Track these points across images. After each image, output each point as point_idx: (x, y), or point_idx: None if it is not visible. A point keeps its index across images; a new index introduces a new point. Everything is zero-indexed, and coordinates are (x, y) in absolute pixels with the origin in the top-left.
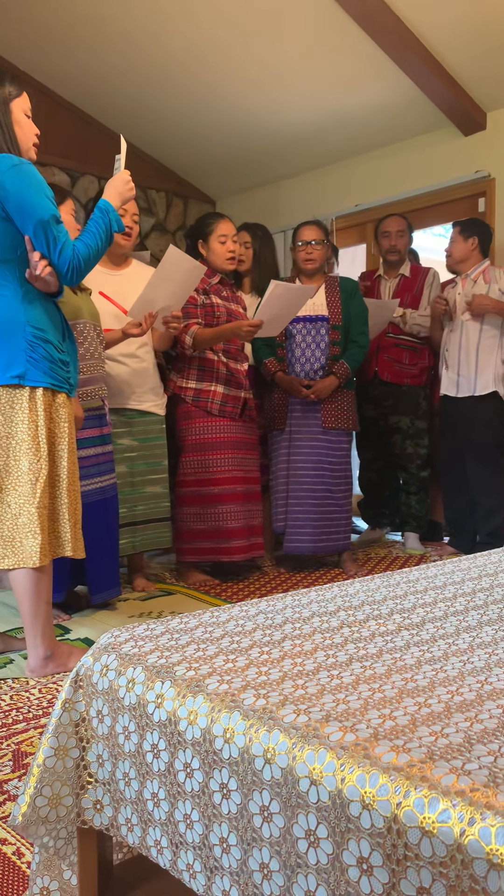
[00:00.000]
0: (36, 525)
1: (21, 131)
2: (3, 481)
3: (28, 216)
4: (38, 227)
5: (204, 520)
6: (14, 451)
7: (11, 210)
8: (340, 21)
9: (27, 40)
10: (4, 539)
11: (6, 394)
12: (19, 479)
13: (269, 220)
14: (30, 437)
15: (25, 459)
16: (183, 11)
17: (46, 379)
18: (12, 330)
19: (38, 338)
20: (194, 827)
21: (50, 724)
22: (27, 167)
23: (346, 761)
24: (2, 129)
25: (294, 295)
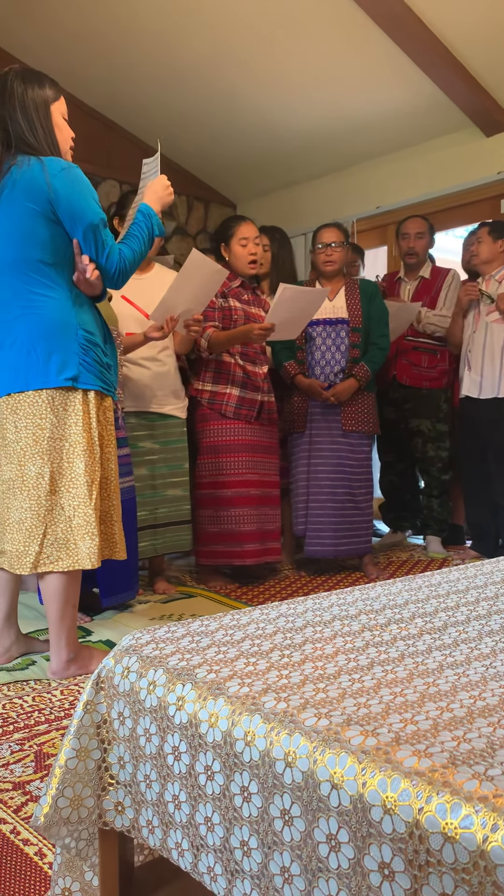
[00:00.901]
0: (93, 527)
1: (60, 134)
2: (57, 483)
3: (78, 220)
4: (88, 231)
5: (218, 522)
6: (68, 453)
7: (62, 213)
8: (362, 23)
9: (50, 45)
10: (58, 541)
11: (59, 396)
12: (73, 482)
13: (289, 222)
14: (84, 439)
15: (81, 462)
16: (204, 16)
17: (98, 382)
18: (65, 333)
19: (89, 341)
20: (215, 830)
21: (72, 726)
22: (76, 171)
23: (367, 765)
24: (44, 132)
25: (307, 298)
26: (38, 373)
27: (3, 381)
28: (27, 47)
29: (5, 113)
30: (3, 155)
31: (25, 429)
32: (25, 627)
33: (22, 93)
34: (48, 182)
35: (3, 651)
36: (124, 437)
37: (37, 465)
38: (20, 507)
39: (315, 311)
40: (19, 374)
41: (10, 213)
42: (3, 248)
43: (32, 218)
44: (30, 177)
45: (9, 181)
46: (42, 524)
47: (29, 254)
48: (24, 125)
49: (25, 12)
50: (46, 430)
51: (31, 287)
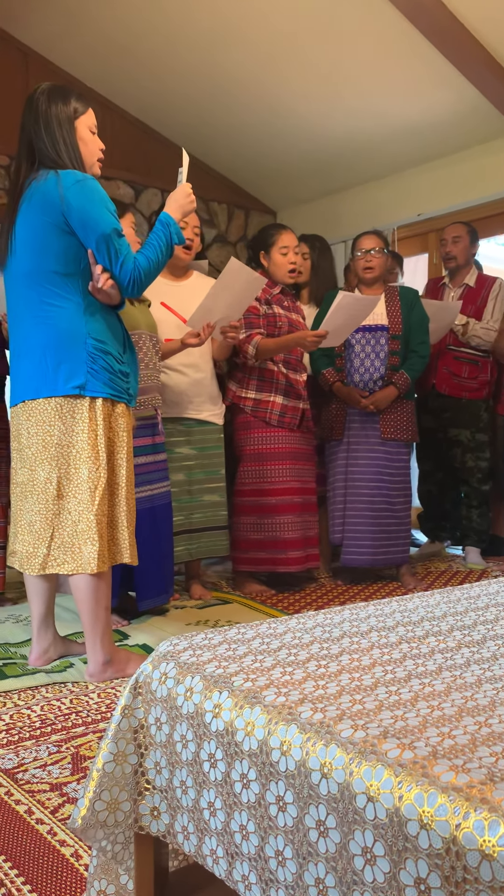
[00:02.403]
0: (94, 532)
1: (85, 148)
2: (64, 489)
3: (91, 230)
4: (101, 241)
5: (261, 530)
6: (74, 459)
7: (75, 224)
8: (403, 29)
9: (92, 56)
10: (65, 545)
11: (67, 404)
12: (79, 487)
13: (329, 230)
14: (89, 445)
15: (85, 468)
16: (245, 27)
17: (106, 389)
18: (74, 342)
19: (98, 349)
20: (250, 838)
21: (109, 730)
22: (90, 182)
23: (403, 779)
24: (66, 147)
25: (360, 306)
26: (47, 381)
27: (20, 389)
28: (74, 60)
29: (31, 130)
30: (27, 170)
31: (36, 435)
32: (63, 630)
33: (46, 109)
34: (61, 195)
35: (41, 653)
36: (162, 443)
37: (45, 470)
38: (31, 510)
39: (363, 318)
40: (32, 382)
41: (26, 226)
42: (21, 260)
43: (47, 230)
44: (45, 190)
45: (28, 195)
46: (50, 527)
47: (44, 265)
48: (48, 141)
49: (73, 27)
50: (55, 436)
51: (44, 298)
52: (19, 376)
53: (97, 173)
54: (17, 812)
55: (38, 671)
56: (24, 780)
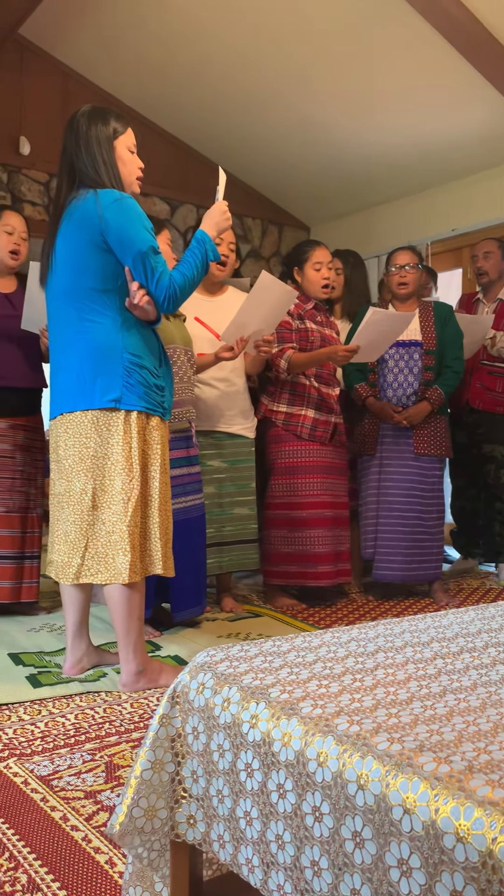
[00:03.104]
0: (126, 543)
1: (124, 167)
2: (99, 500)
3: (128, 248)
4: (137, 258)
5: (291, 543)
6: (109, 471)
7: (112, 242)
8: (438, 45)
9: (130, 75)
10: (98, 555)
11: (103, 416)
12: (113, 498)
13: (363, 245)
14: (123, 458)
15: (119, 479)
16: (278, 41)
17: (141, 403)
18: (110, 356)
19: (134, 364)
20: (286, 848)
21: (147, 738)
22: (128, 201)
23: (440, 792)
24: (106, 166)
25: (393, 322)
26: (84, 394)
27: (59, 402)
28: (113, 80)
29: (72, 150)
30: (68, 189)
31: (73, 447)
32: (97, 639)
33: (86, 130)
34: (100, 213)
35: (75, 662)
36: (196, 455)
37: (81, 482)
38: (66, 520)
39: (398, 335)
40: (70, 395)
41: (66, 244)
42: (61, 277)
43: (86, 248)
44: (84, 209)
45: (68, 213)
46: (84, 537)
47: (82, 282)
48: (88, 161)
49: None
50: (91, 448)
51: (82, 313)
52: (58, 389)
53: (137, 191)
54: (52, 818)
55: (72, 680)
56: (59, 787)
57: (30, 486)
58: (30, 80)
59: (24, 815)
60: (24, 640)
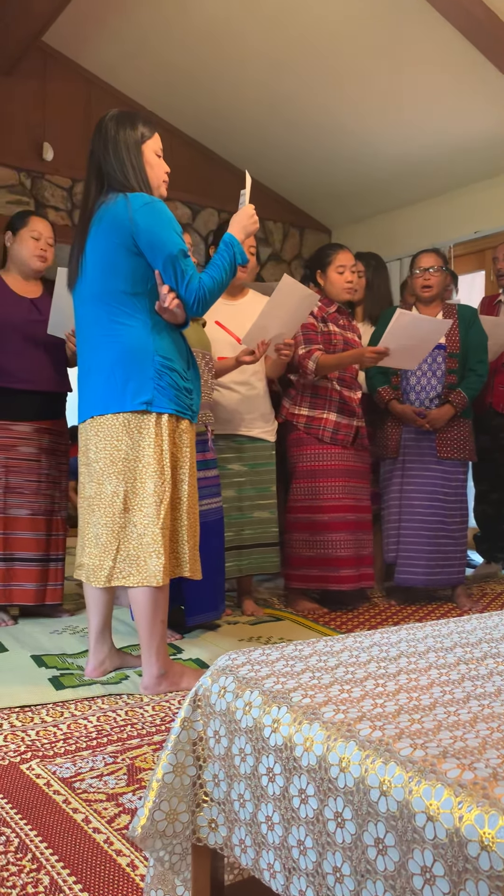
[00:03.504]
0: (159, 545)
1: (152, 171)
2: (130, 502)
3: (158, 251)
4: (168, 262)
5: (313, 547)
6: (140, 473)
7: (143, 245)
8: (461, 46)
9: (151, 80)
10: (130, 557)
11: (134, 419)
12: (144, 501)
13: (385, 248)
14: (155, 460)
15: (151, 482)
16: (300, 45)
17: (172, 406)
18: (142, 359)
19: (165, 366)
20: (308, 854)
21: (169, 741)
22: (158, 204)
23: (464, 799)
24: (134, 170)
25: (427, 327)
26: (115, 397)
27: (89, 405)
28: (135, 85)
29: (100, 154)
30: (96, 193)
31: (104, 449)
32: (119, 642)
33: (115, 135)
34: (131, 217)
35: (98, 664)
36: (214, 459)
37: (112, 484)
38: (97, 524)
39: (435, 342)
40: (100, 398)
41: (96, 247)
42: (91, 279)
43: (116, 251)
44: (114, 212)
45: (97, 217)
46: (116, 540)
47: (112, 285)
48: (116, 165)
49: (134, 54)
50: (122, 451)
51: (113, 316)
52: (88, 393)
53: (163, 195)
54: (74, 820)
55: (94, 682)
56: (80, 790)
57: (55, 489)
58: (53, 87)
59: (46, 816)
60: (46, 643)
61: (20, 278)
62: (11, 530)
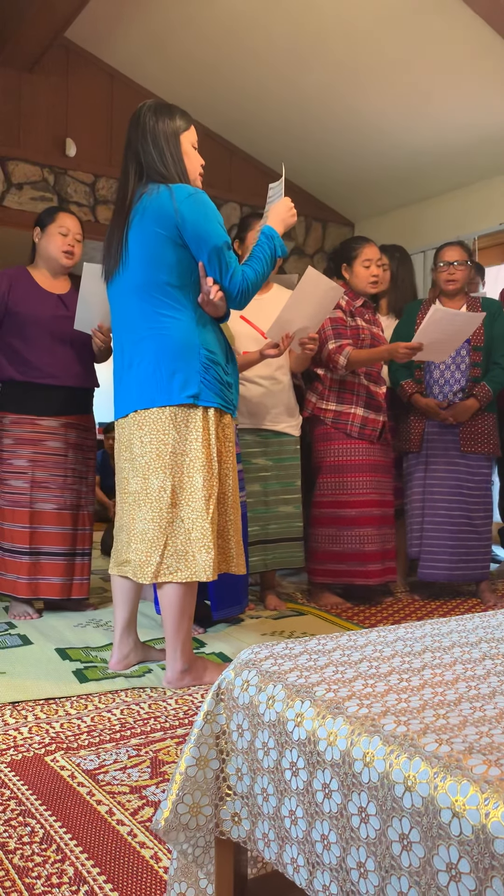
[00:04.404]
0: (209, 540)
1: (189, 163)
2: (178, 497)
3: (203, 243)
4: (213, 254)
5: (339, 542)
6: (188, 468)
7: (188, 237)
8: (485, 36)
9: (173, 75)
10: (178, 553)
11: (181, 413)
12: (193, 495)
13: (408, 240)
14: (203, 454)
15: (199, 476)
16: (324, 37)
17: (217, 400)
18: (189, 352)
19: (210, 360)
20: (331, 848)
21: (192, 734)
22: (202, 196)
23: (490, 796)
24: (174, 160)
25: (460, 321)
26: (162, 390)
27: (132, 398)
28: (157, 79)
29: (138, 145)
30: (135, 184)
31: (150, 443)
32: (143, 636)
33: (154, 125)
34: (176, 208)
35: (122, 658)
36: (238, 454)
37: (159, 479)
38: (144, 519)
39: (467, 336)
40: (145, 391)
41: (140, 239)
42: (133, 271)
43: (161, 242)
44: (158, 203)
45: (139, 208)
46: (163, 535)
47: (157, 277)
48: (155, 155)
49: (156, 48)
50: (169, 445)
51: (158, 309)
52: (129, 386)
53: (199, 187)
54: (98, 812)
55: (117, 675)
56: (104, 782)
57: (81, 483)
58: (75, 83)
59: (70, 808)
60: (70, 636)
61: (48, 274)
62: (38, 524)
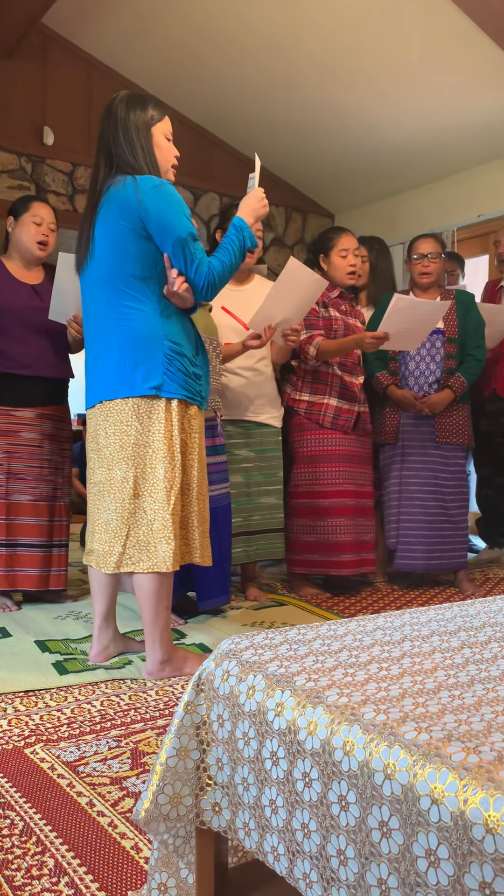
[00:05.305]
0: (169, 531)
1: (161, 154)
2: (140, 488)
3: (167, 234)
4: (177, 245)
5: (314, 532)
6: (150, 459)
7: (152, 229)
8: (465, 28)
9: (153, 63)
10: (140, 543)
11: (144, 404)
12: (155, 487)
13: (388, 232)
14: (165, 446)
15: (161, 467)
16: (303, 29)
17: (181, 391)
18: (151, 344)
19: (174, 351)
20: (312, 837)
21: (173, 725)
22: (167, 187)
23: (468, 783)
24: (143, 152)
25: (424, 310)
26: (125, 382)
27: (99, 389)
28: (135, 68)
29: (110, 136)
30: (105, 175)
31: (113, 434)
32: (123, 627)
33: (125, 116)
34: (139, 199)
35: (102, 649)
36: (223, 445)
37: (122, 470)
38: (107, 509)
39: (434, 324)
40: (110, 382)
41: (105, 231)
42: (99, 263)
43: (125, 234)
44: (123, 195)
45: (106, 200)
46: (126, 526)
47: (121, 269)
48: (126, 147)
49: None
50: (132, 436)
51: (122, 300)
52: (97, 378)
53: (171, 179)
54: (78, 804)
55: (97, 667)
56: (85, 773)
57: (57, 475)
58: (53, 70)
59: (50, 800)
60: (50, 628)
61: (21, 264)
62: (14, 516)
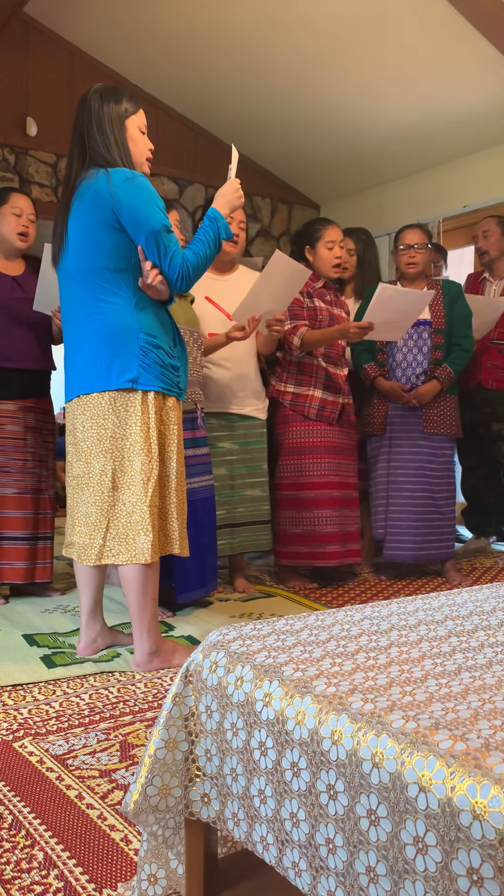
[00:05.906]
0: (147, 523)
1: (135, 147)
2: (118, 481)
3: (140, 227)
4: (150, 237)
5: (299, 524)
6: (128, 451)
7: (125, 221)
8: (450, 18)
9: (137, 54)
10: (119, 536)
11: (120, 397)
12: (132, 479)
13: (374, 223)
14: (142, 438)
15: (138, 460)
16: (288, 19)
17: (157, 383)
18: (126, 337)
19: (150, 344)
20: (300, 826)
21: (161, 717)
22: (140, 179)
23: (456, 770)
24: (117, 145)
25: (408, 299)
26: (101, 375)
27: (75, 384)
28: (120, 59)
29: (83, 128)
30: (79, 168)
31: (91, 428)
32: (111, 620)
33: (98, 109)
34: (112, 192)
35: (90, 642)
36: (204, 437)
37: (100, 463)
38: (87, 502)
39: (419, 313)
40: (87, 376)
41: (78, 224)
42: (74, 256)
43: (98, 227)
44: (96, 188)
45: (79, 193)
46: (105, 518)
47: (95, 262)
48: (99, 139)
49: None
50: (109, 429)
51: (97, 294)
52: (74, 371)
53: (146, 172)
54: (68, 797)
55: (86, 660)
56: (74, 766)
57: (41, 467)
58: (36, 60)
59: (39, 793)
60: (38, 622)
61: (2, 255)
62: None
